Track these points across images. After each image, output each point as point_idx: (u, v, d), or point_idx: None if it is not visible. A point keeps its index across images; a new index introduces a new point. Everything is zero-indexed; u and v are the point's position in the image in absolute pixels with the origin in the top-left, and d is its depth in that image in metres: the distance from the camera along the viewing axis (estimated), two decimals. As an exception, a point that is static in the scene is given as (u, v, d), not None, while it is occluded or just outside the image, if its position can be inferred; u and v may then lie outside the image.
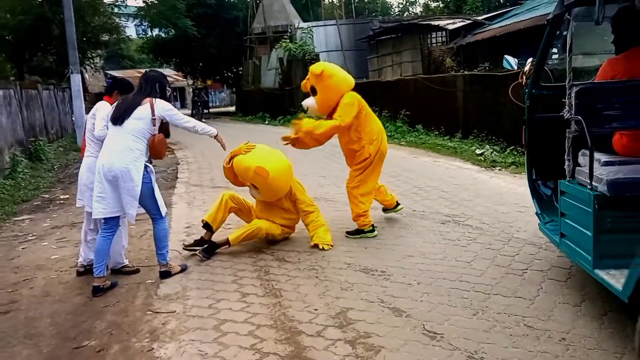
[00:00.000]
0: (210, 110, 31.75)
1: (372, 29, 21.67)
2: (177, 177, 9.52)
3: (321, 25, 24.41)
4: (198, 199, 7.39)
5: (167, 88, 4.32)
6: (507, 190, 6.72)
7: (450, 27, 16.91)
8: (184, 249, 4.86)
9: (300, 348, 2.98)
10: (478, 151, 9.51)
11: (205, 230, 4.91)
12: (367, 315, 3.33)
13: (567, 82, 3.17)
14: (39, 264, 4.88)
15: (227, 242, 4.74)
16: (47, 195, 8.41)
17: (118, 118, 4.05)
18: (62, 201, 7.87)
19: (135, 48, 38.12)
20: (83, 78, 17.86)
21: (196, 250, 4.75)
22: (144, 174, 4.03)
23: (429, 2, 36.92)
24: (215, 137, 4.42)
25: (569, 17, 3.26)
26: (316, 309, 3.47)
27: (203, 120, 25.84)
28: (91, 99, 21.22)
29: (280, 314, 3.43)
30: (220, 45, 29.37)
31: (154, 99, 4.11)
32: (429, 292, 3.67)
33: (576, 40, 3.21)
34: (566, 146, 3.27)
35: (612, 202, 2.82)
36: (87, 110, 6.23)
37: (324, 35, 23.66)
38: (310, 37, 22.44)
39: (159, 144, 4.11)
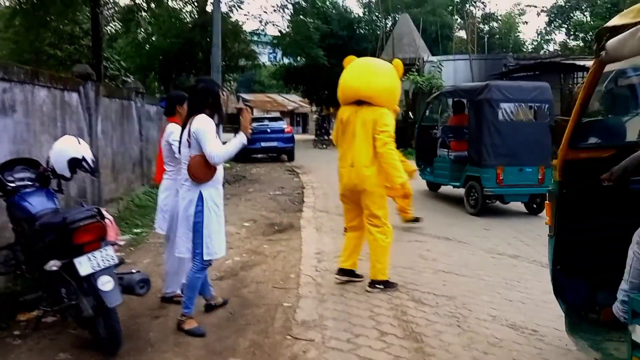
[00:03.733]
0: (331, 137, 32.50)
1: (507, 65, 20.87)
2: (303, 201, 9.72)
3: (451, 60, 24.01)
4: (326, 225, 7.45)
5: (221, 93, 3.81)
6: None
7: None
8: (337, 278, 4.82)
9: (450, 404, 2.77)
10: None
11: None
12: (523, 379, 3.04)
13: (439, 123, 10.22)
14: (183, 272, 5.16)
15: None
16: (186, 206, 9.00)
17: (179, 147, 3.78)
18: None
19: (266, 74, 40.37)
20: (228, 99, 19.21)
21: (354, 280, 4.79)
22: (197, 204, 3.59)
23: (568, 40, 34.91)
24: (246, 135, 3.66)
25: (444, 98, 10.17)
26: (463, 362, 3.24)
27: (324, 146, 26.60)
28: (225, 120, 22.71)
29: (424, 362, 3.25)
30: (347, 75, 30.10)
31: (200, 114, 3.62)
32: (593, 362, 3.26)
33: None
34: (438, 146, 9.26)
35: (455, 161, 8.65)
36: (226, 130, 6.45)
37: (453, 70, 23.22)
38: (438, 71, 22.16)
39: (193, 166, 3.56)
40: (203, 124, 3.56)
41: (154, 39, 23.22)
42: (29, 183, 3.81)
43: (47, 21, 15.79)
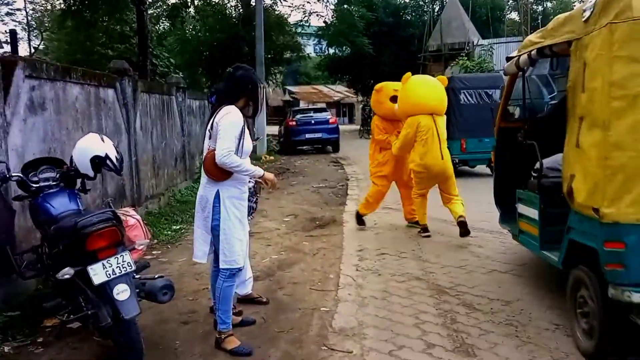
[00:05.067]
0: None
1: (563, 46, 19.61)
2: (347, 194, 9.37)
3: (503, 42, 22.94)
4: (369, 219, 7.05)
5: (259, 84, 3.45)
6: None
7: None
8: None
9: None
10: None
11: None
12: (596, 405, 2.59)
13: None
14: (217, 272, 4.93)
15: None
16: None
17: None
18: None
19: (312, 65, 40.06)
20: (265, 92, 19.17)
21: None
22: (214, 205, 3.23)
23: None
24: (261, 177, 3.36)
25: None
26: (523, 382, 2.82)
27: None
28: (270, 112, 22.54)
29: (477, 380, 2.85)
30: (393, 62, 29.30)
31: (230, 105, 3.25)
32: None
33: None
34: None
35: None
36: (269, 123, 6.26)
37: (504, 53, 22.12)
38: (489, 55, 21.18)
39: (208, 160, 3.21)
40: (229, 116, 3.18)
41: (200, 34, 23.34)
42: (53, 183, 3.64)
43: (96, 22, 16.09)
